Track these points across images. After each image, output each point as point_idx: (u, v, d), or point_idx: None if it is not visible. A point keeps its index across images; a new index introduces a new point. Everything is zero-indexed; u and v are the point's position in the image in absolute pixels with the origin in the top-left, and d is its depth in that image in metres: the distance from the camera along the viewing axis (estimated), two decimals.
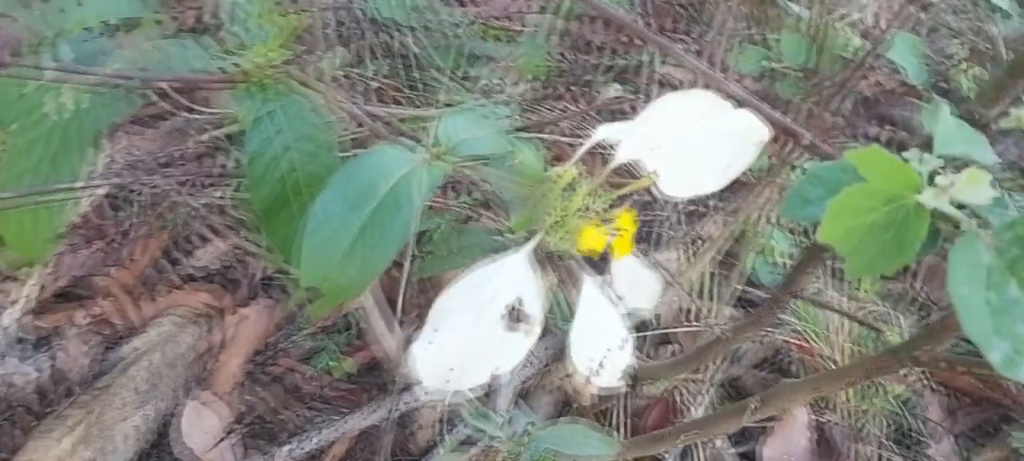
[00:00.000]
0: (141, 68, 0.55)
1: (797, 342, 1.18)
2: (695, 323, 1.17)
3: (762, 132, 0.36)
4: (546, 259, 0.40)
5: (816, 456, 1.14)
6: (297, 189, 0.54)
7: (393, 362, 1.08)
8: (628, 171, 0.41)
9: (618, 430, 1.07)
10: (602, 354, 0.38)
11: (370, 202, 0.41)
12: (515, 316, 0.36)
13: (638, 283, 0.40)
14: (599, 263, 0.40)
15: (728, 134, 0.37)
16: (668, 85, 1.76)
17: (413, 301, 1.20)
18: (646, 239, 1.22)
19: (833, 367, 1.16)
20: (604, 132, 0.42)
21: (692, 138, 0.38)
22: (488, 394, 1.01)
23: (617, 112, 1.68)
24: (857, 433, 1.15)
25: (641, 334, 1.14)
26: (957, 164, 0.37)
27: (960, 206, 0.32)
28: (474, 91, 1.44)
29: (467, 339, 0.36)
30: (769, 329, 1.23)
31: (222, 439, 1.11)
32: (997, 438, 1.20)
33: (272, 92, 0.57)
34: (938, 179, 0.33)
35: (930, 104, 0.71)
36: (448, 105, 1.56)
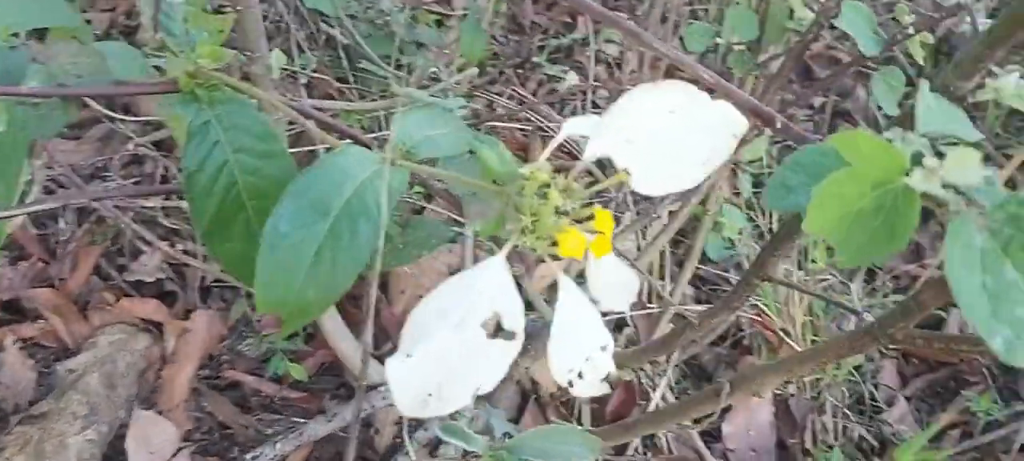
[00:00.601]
0: (61, 84, 0.51)
1: (754, 317, 1.19)
2: (651, 305, 1.16)
3: (740, 123, 0.34)
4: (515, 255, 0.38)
5: (777, 429, 1.15)
6: (241, 204, 0.50)
7: (350, 364, 1.05)
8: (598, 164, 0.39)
9: (581, 418, 1.06)
10: (582, 361, 0.36)
11: (328, 215, 0.38)
12: (494, 329, 0.34)
13: (615, 284, 0.38)
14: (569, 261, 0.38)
15: (704, 127, 0.35)
16: (610, 64, 1.75)
17: (358, 301, 1.17)
18: None
19: (789, 339, 1.17)
20: (572, 127, 0.39)
21: (667, 132, 0.35)
22: None
23: (566, 97, 1.66)
24: (817, 404, 1.15)
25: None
26: (936, 141, 0.36)
27: (949, 187, 0.31)
28: (413, 81, 1.41)
29: (444, 358, 0.34)
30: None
31: (172, 457, 1.07)
32: (952, 401, 1.22)
33: (207, 100, 0.53)
34: (926, 160, 0.31)
35: (882, 72, 0.71)
36: (383, 95, 1.53)
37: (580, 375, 0.35)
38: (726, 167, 0.92)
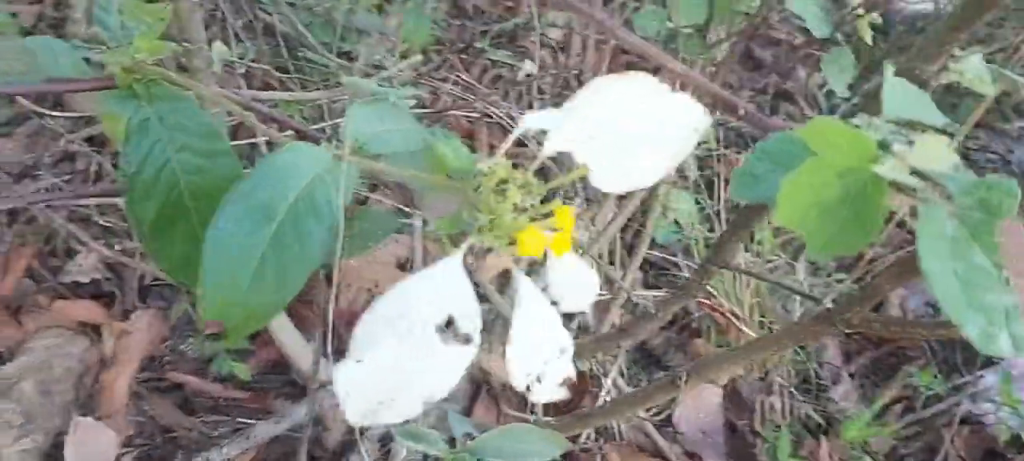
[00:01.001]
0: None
1: (702, 300, 1.19)
2: (602, 292, 1.16)
3: (702, 118, 0.34)
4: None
5: (727, 411, 1.16)
6: (183, 206, 0.48)
7: (297, 362, 1.02)
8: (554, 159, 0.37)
9: (533, 408, 1.05)
10: (541, 366, 0.35)
11: (274, 218, 0.36)
12: (449, 334, 0.33)
13: (575, 283, 0.37)
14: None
15: (665, 122, 0.34)
16: (554, 48, 1.75)
17: (304, 296, 1.14)
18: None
19: (737, 322, 1.18)
20: (530, 121, 0.38)
21: (627, 127, 0.34)
22: None
23: (505, 81, 1.65)
24: (765, 385, 1.17)
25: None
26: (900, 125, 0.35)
27: (917, 175, 0.31)
28: (357, 70, 1.38)
29: (396, 365, 0.32)
30: (675, 289, 1.23)
31: None
32: (895, 377, 1.25)
33: (147, 97, 0.51)
34: (895, 147, 0.31)
35: (832, 54, 0.71)
36: (326, 84, 1.50)
37: (539, 379, 0.34)
38: None
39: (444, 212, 0.40)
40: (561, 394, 0.35)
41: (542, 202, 0.36)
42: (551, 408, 1.09)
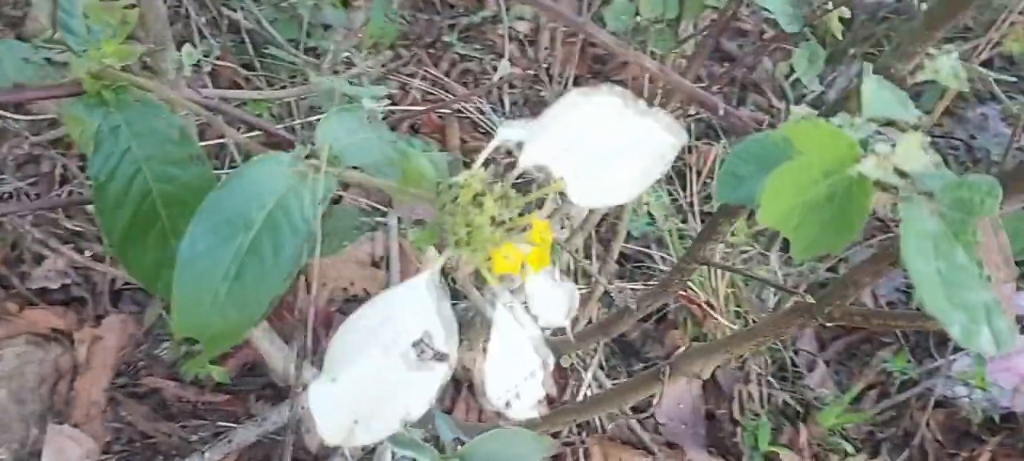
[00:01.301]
0: None
1: (678, 291, 1.19)
2: (579, 286, 1.16)
3: (679, 135, 0.33)
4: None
5: (706, 400, 1.16)
6: (156, 214, 0.47)
7: (274, 364, 1.01)
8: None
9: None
10: (520, 382, 0.34)
11: (247, 230, 0.36)
12: (424, 352, 0.32)
13: (553, 296, 0.37)
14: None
15: (642, 139, 0.34)
16: (522, 41, 1.74)
17: (285, 297, 1.13)
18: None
19: (713, 312, 1.18)
20: (506, 133, 0.38)
21: (604, 143, 0.34)
22: None
23: (480, 76, 1.64)
24: (742, 374, 1.17)
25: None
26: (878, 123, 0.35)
27: (900, 173, 0.31)
28: (326, 68, 1.37)
29: (370, 385, 0.32)
30: (651, 282, 1.24)
31: None
32: (868, 362, 1.26)
33: (116, 103, 0.50)
34: (877, 147, 0.31)
35: (803, 47, 0.71)
36: (293, 81, 1.48)
37: (517, 396, 0.34)
38: None
39: (419, 215, 0.39)
40: (538, 411, 0.34)
41: (520, 214, 0.35)
42: None
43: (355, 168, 0.41)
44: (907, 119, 0.34)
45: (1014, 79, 1.32)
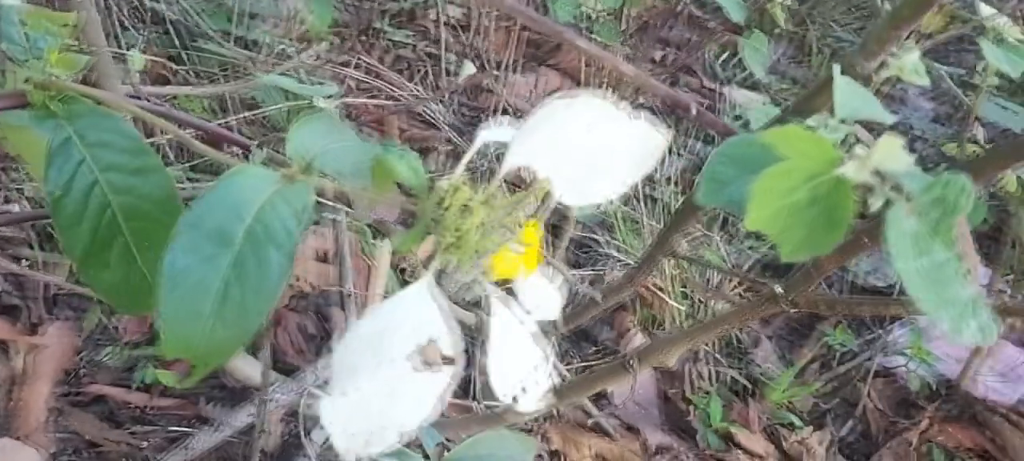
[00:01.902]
0: None
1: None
2: None
3: (660, 140, 0.34)
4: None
5: (658, 381, 1.18)
6: (117, 227, 0.46)
7: (231, 368, 0.99)
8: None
9: (476, 395, 1.05)
10: (524, 376, 0.35)
11: (230, 245, 0.35)
12: (429, 358, 0.32)
13: (544, 292, 0.37)
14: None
15: (623, 149, 0.34)
16: (455, 27, 1.73)
17: None
18: None
19: (662, 294, 1.20)
20: (488, 135, 0.38)
21: (589, 144, 0.35)
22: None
23: (404, 62, 1.63)
24: (692, 353, 1.20)
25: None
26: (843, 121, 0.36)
27: (879, 175, 0.32)
28: (261, 60, 1.34)
29: (381, 396, 0.32)
30: (600, 268, 1.25)
31: None
32: (810, 336, 1.30)
33: (65, 115, 0.48)
34: (856, 149, 0.32)
35: (748, 37, 0.72)
36: (223, 73, 1.45)
37: (524, 390, 0.34)
38: None
39: (379, 215, 0.39)
40: (547, 402, 0.35)
41: (507, 217, 0.35)
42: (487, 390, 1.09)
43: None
44: (880, 119, 0.35)
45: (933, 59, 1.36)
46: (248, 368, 1.05)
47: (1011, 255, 1.22)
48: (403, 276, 1.20)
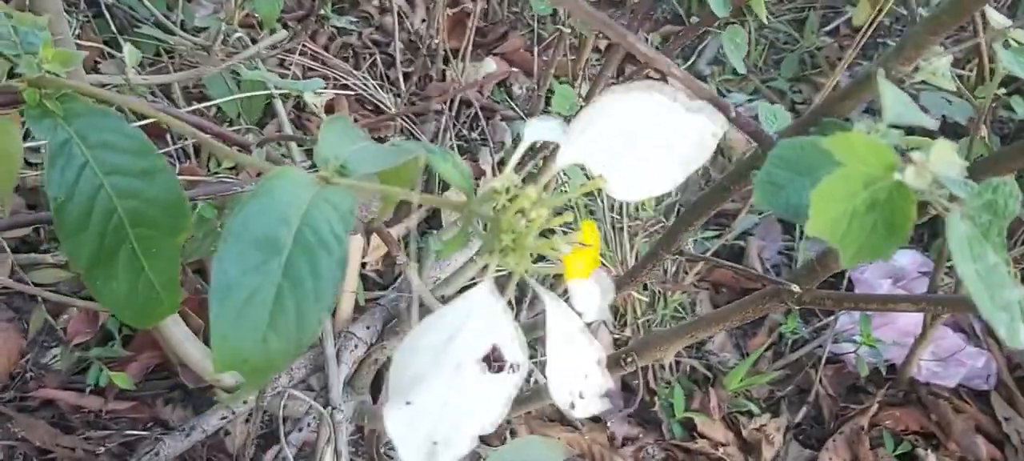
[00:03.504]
0: None
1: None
2: None
3: (717, 131, 0.34)
4: None
5: (623, 373, 1.19)
6: (123, 234, 0.44)
7: (201, 370, 0.96)
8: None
9: None
10: (581, 380, 0.35)
11: (279, 252, 0.34)
12: (494, 363, 0.32)
13: (596, 292, 0.37)
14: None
15: (679, 141, 0.34)
16: (400, 14, 1.71)
17: (198, 293, 1.08)
18: None
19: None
20: (535, 131, 0.37)
21: (644, 138, 0.35)
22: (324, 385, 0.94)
23: (350, 49, 1.61)
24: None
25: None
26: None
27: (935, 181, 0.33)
28: (216, 49, 1.30)
29: (446, 402, 0.31)
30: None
31: None
32: (762, 324, 1.33)
33: (63, 114, 0.46)
34: (914, 155, 0.32)
35: (728, 32, 0.74)
36: (158, 59, 1.40)
37: (581, 395, 0.34)
38: None
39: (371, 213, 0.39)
40: (603, 406, 0.35)
41: (557, 215, 0.35)
42: None
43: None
44: (925, 124, 0.36)
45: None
46: (206, 362, 1.02)
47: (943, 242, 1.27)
48: (363, 269, 1.19)
